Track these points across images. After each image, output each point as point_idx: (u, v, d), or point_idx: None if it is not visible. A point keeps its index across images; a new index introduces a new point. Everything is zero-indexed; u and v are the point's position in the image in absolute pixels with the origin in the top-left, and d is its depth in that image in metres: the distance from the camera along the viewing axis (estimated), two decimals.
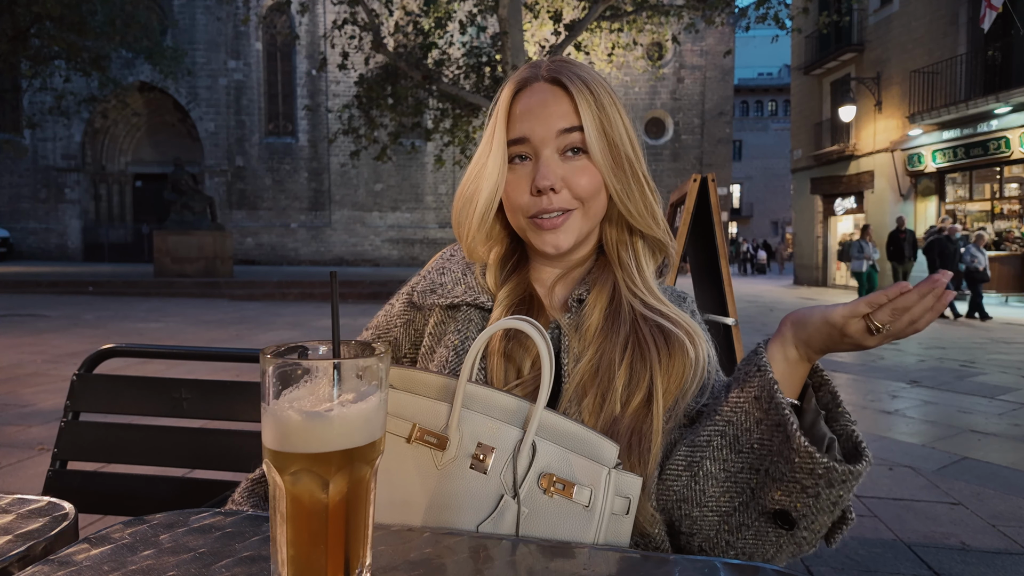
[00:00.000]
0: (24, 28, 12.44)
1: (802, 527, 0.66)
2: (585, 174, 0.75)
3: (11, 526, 0.59)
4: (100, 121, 24.74)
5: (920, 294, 0.60)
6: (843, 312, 0.63)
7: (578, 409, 0.71)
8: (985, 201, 13.85)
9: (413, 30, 11.06)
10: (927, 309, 0.60)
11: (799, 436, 0.62)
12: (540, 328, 0.64)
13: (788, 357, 0.68)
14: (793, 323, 0.68)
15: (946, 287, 0.59)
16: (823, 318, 0.65)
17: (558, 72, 0.76)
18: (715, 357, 0.80)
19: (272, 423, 0.45)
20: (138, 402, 1.19)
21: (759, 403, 0.67)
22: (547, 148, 0.75)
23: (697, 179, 2.87)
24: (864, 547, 2.30)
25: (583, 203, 0.76)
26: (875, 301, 0.61)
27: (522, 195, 0.76)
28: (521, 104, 0.77)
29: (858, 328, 0.63)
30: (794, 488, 0.64)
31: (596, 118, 0.74)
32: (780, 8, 10.37)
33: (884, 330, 0.62)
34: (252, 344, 6.93)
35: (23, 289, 12.63)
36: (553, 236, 0.76)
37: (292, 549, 0.45)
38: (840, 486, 0.62)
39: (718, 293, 2.87)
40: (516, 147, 0.76)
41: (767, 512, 0.67)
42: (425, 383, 0.66)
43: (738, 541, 0.69)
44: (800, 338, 0.67)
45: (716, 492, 0.70)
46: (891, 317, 0.61)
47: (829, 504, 0.64)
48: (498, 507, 0.61)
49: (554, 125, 0.74)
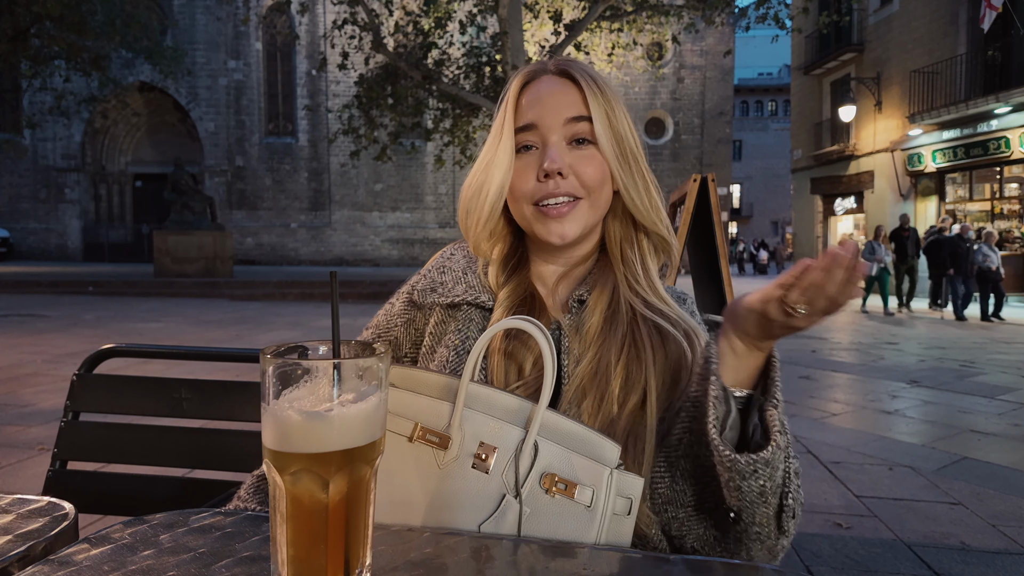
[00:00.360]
0: (24, 28, 12.44)
1: (744, 520, 0.65)
2: (592, 163, 0.75)
3: (11, 526, 0.59)
4: (100, 121, 24.73)
5: (824, 269, 0.57)
6: (758, 297, 0.62)
7: (578, 411, 0.71)
8: (985, 201, 13.85)
9: (413, 30, 11.06)
10: (842, 283, 0.57)
11: (710, 429, 0.62)
12: (543, 328, 0.64)
13: (735, 349, 0.66)
14: (729, 315, 0.67)
15: (858, 257, 0.56)
16: (745, 305, 0.63)
17: (567, 66, 0.78)
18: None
19: (272, 423, 0.45)
20: (138, 402, 1.19)
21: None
22: (554, 135, 0.75)
23: (697, 179, 2.87)
24: (864, 547, 2.30)
25: (589, 193, 0.76)
26: (784, 283, 0.59)
27: (528, 182, 0.76)
28: (529, 94, 0.77)
29: (776, 311, 0.60)
30: (726, 483, 0.64)
31: (604, 110, 0.75)
32: (780, 8, 10.38)
33: (803, 310, 0.59)
34: (252, 344, 6.93)
35: (23, 289, 12.63)
36: (559, 225, 0.76)
37: (292, 549, 0.45)
38: (752, 476, 0.61)
39: (718, 293, 2.88)
40: (523, 134, 0.77)
41: (725, 510, 0.67)
42: (427, 382, 0.66)
43: (724, 537, 0.69)
44: (739, 328, 0.65)
45: (694, 490, 0.69)
46: (804, 296, 0.58)
47: (754, 495, 0.63)
48: (500, 507, 0.61)
49: (563, 113, 0.75)
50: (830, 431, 3.85)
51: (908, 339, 8.01)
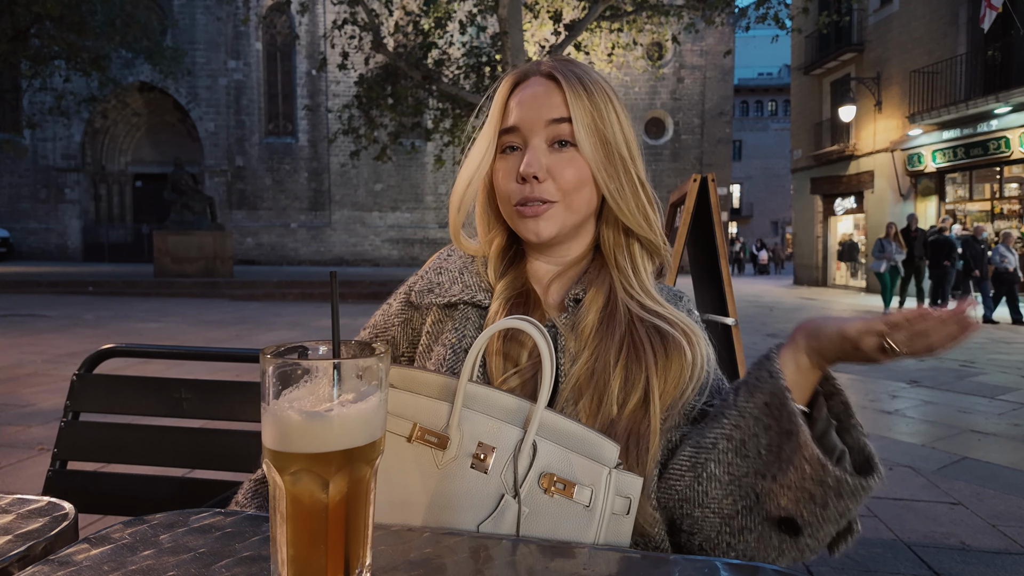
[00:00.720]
0: (24, 28, 12.45)
1: (807, 535, 0.66)
2: (571, 166, 0.75)
3: (11, 526, 0.59)
4: (100, 121, 24.74)
5: (941, 321, 0.59)
6: (859, 327, 0.63)
7: (574, 410, 0.71)
8: (985, 201, 13.85)
9: (413, 30, 11.06)
10: (948, 337, 0.59)
11: (812, 445, 0.62)
12: (541, 328, 0.64)
13: (800, 365, 0.68)
14: (807, 332, 0.68)
15: (974, 319, 0.59)
16: (838, 331, 0.65)
17: (554, 68, 0.78)
18: (713, 356, 0.80)
19: (272, 423, 0.45)
20: (138, 402, 1.19)
21: (769, 409, 0.67)
22: (536, 137, 0.76)
23: (697, 179, 2.86)
24: (864, 547, 2.30)
25: (565, 195, 0.76)
26: (894, 322, 0.61)
27: (509, 183, 0.77)
28: (517, 96, 0.78)
29: (872, 345, 0.62)
30: (802, 496, 0.64)
31: (587, 112, 0.75)
32: (780, 8, 10.38)
33: (901, 349, 0.61)
34: (252, 344, 6.93)
35: (23, 289, 12.63)
36: (534, 223, 0.77)
37: (292, 549, 0.45)
38: (849, 498, 0.62)
39: (718, 293, 2.87)
40: (507, 136, 0.78)
41: (772, 518, 0.67)
42: (426, 382, 0.66)
43: (739, 543, 0.69)
44: (813, 347, 0.67)
45: (719, 494, 0.70)
46: (907, 340, 0.61)
47: (836, 515, 0.64)
48: (499, 507, 0.61)
49: (544, 115, 0.75)
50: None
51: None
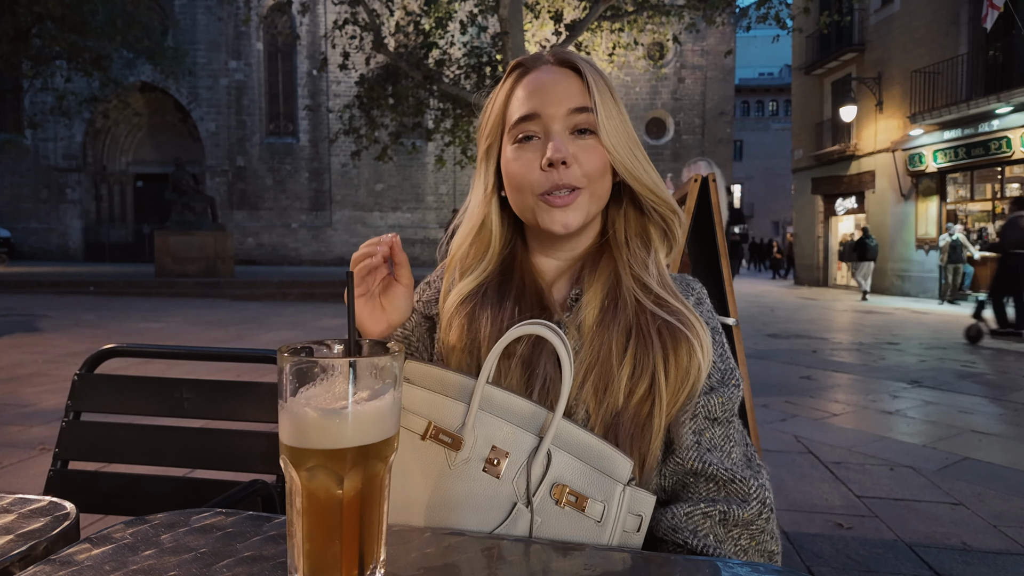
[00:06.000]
0: (25, 28, 12.45)
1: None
2: (594, 153, 0.75)
3: (12, 526, 0.59)
4: (101, 121, 24.75)
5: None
6: None
7: (578, 401, 0.70)
8: (986, 201, 13.82)
9: (414, 30, 11.05)
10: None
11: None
12: (560, 334, 0.64)
13: None
14: None
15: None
16: None
17: (567, 56, 0.78)
18: (714, 349, 0.77)
19: (289, 420, 0.46)
20: (139, 402, 1.19)
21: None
22: (557, 124, 0.75)
23: (698, 179, 2.86)
24: (865, 547, 2.30)
25: (591, 182, 0.76)
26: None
27: (532, 172, 0.75)
28: (529, 84, 0.77)
29: None
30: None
31: (607, 101, 0.75)
32: (781, 8, 10.35)
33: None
34: (253, 344, 6.93)
35: (24, 289, 12.64)
36: (563, 214, 0.75)
37: (308, 543, 0.46)
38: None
39: (719, 293, 2.87)
40: (524, 124, 0.76)
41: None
42: (443, 381, 0.65)
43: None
44: None
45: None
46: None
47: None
48: (511, 514, 0.61)
49: (566, 104, 0.75)
50: (831, 431, 3.85)
51: (909, 339, 8.00)
